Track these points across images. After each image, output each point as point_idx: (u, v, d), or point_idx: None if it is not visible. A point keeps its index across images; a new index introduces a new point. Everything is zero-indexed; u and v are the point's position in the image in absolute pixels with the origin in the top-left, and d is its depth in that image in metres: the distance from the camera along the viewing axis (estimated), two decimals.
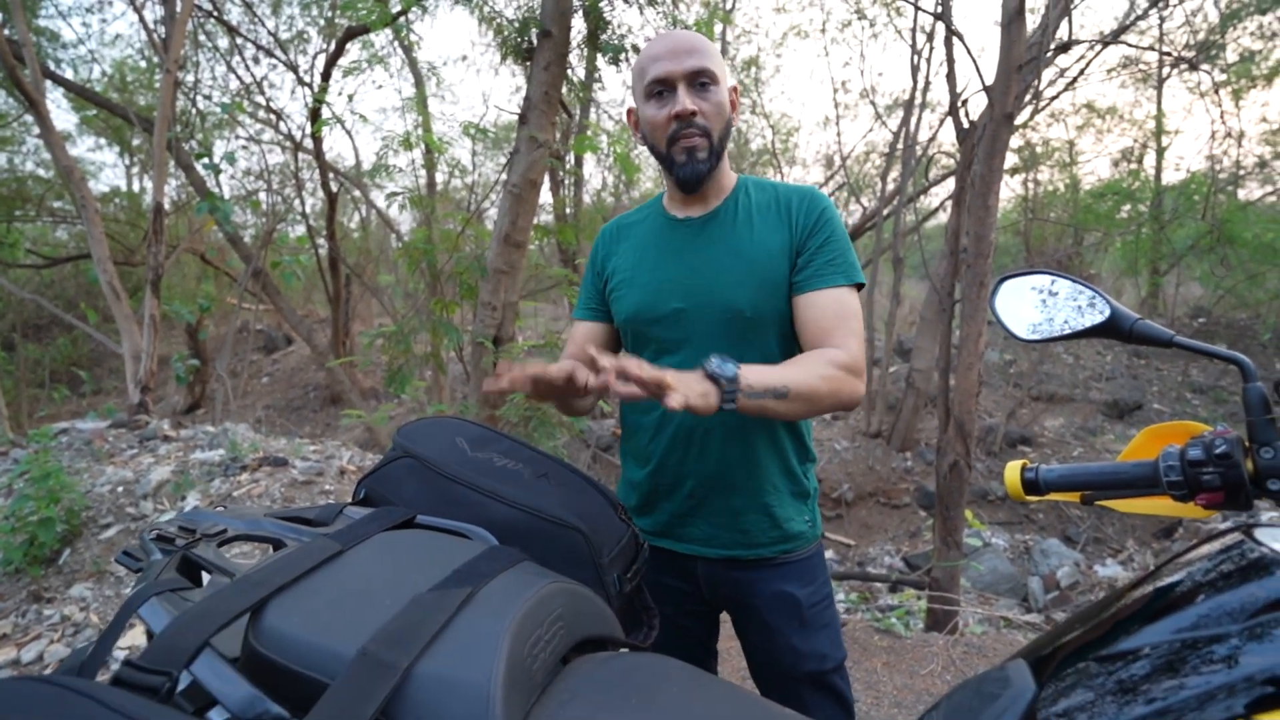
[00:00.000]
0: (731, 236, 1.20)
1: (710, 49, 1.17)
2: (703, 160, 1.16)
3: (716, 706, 0.78)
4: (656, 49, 1.16)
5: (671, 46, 1.15)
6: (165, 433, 4.52)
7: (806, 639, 1.21)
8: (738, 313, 1.16)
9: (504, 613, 0.71)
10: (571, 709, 0.72)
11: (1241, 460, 0.67)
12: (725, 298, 1.17)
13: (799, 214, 1.19)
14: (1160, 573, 0.63)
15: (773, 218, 1.20)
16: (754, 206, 1.22)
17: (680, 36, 1.17)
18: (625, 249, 1.29)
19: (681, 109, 1.12)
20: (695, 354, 1.15)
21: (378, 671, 0.62)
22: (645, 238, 1.27)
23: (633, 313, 1.23)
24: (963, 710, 0.63)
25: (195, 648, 0.63)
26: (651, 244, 1.25)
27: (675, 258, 1.21)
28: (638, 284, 1.23)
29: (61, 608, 2.97)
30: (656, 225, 1.27)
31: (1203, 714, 0.50)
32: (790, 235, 1.18)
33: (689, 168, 1.16)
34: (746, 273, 1.17)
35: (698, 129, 1.14)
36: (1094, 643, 0.60)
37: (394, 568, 0.80)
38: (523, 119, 2.74)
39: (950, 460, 3.33)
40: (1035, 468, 0.80)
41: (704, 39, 1.18)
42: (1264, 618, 0.51)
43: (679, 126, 1.14)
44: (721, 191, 1.23)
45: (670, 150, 1.16)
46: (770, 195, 1.23)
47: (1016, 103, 3.09)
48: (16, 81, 4.38)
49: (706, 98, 1.14)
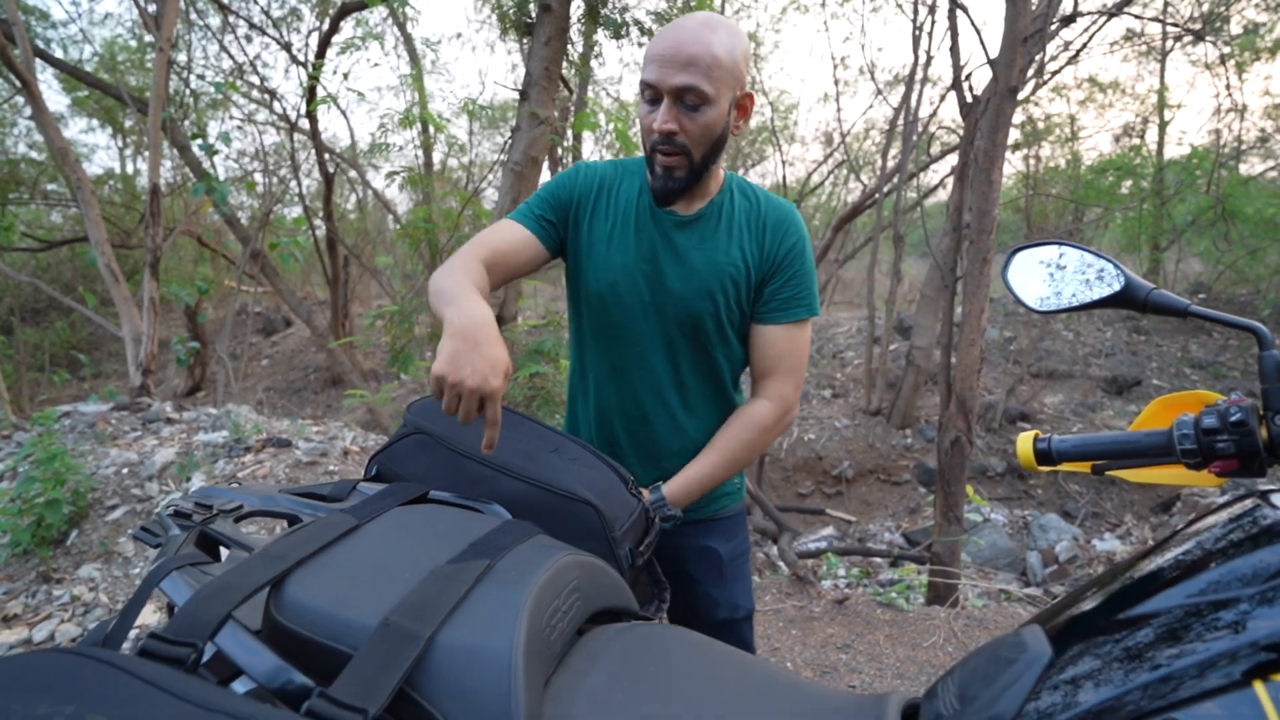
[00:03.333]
0: (710, 246, 1.20)
1: (712, 58, 1.06)
2: (678, 179, 1.13)
3: (730, 676, 0.79)
4: (659, 46, 1.08)
5: (671, 51, 1.06)
6: (168, 415, 4.52)
7: (724, 589, 1.30)
8: (698, 323, 1.20)
9: (522, 584, 0.72)
10: (589, 679, 0.73)
11: (1256, 427, 0.67)
12: (692, 308, 1.19)
13: (774, 239, 1.21)
14: (1174, 540, 0.63)
15: (751, 233, 1.21)
16: (736, 214, 1.22)
17: (685, 40, 1.06)
18: (606, 211, 1.25)
19: (661, 127, 1.08)
20: (646, 347, 1.22)
21: (401, 641, 0.63)
22: (627, 214, 1.23)
23: (602, 291, 1.22)
24: (978, 676, 0.64)
25: (219, 619, 0.63)
26: (633, 226, 1.22)
27: (654, 252, 1.21)
28: (613, 264, 1.21)
29: (71, 588, 2.99)
30: (641, 207, 1.22)
31: (1204, 680, 0.50)
32: (761, 257, 1.20)
33: (661, 183, 1.14)
34: (717, 288, 1.19)
35: (676, 148, 1.10)
36: (1105, 610, 0.61)
37: (410, 542, 0.81)
38: (523, 95, 2.71)
39: (952, 436, 3.35)
40: (1048, 438, 0.81)
41: (713, 43, 1.06)
42: (1276, 582, 0.52)
43: (660, 141, 1.10)
44: (707, 194, 1.22)
45: (649, 157, 1.15)
46: (753, 206, 1.23)
47: (1021, 76, 3.06)
48: (8, 61, 4.32)
49: (693, 118, 1.08)
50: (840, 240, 12.44)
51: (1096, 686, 0.55)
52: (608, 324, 1.24)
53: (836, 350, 8.62)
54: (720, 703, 0.73)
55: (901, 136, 7.23)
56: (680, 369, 1.24)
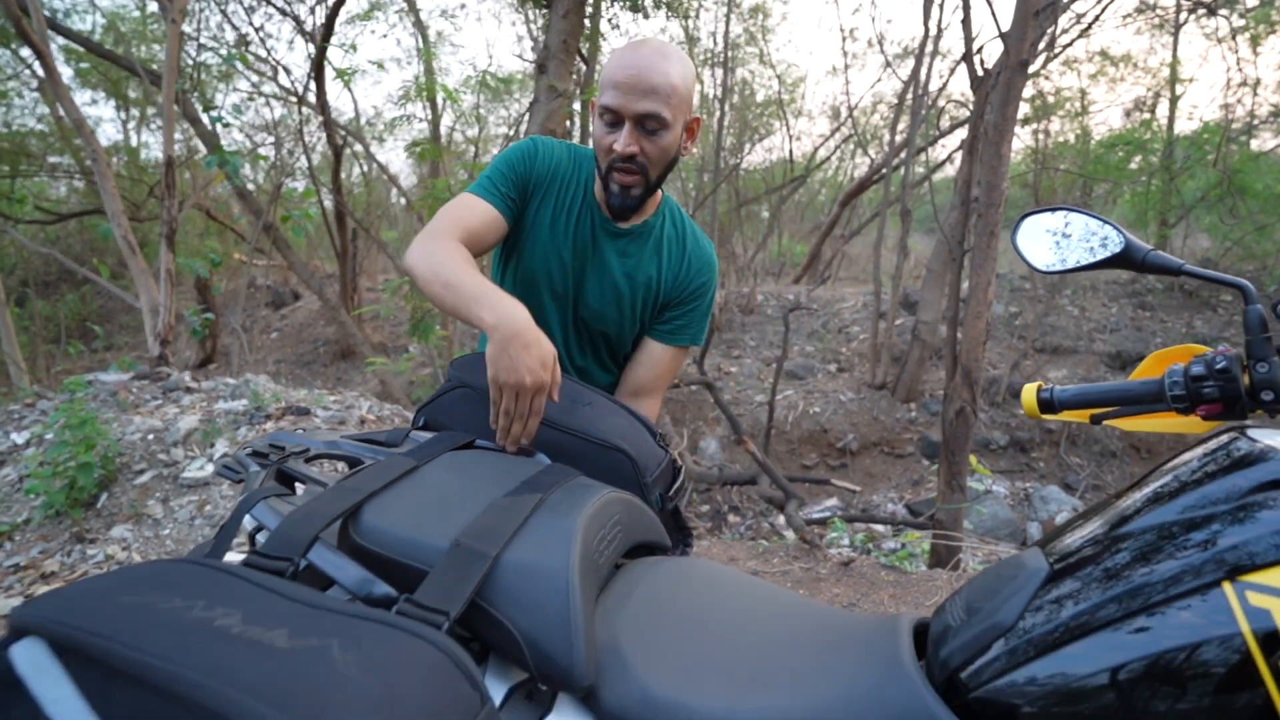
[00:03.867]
0: (634, 264, 1.31)
1: (670, 87, 1.15)
2: (634, 197, 1.23)
3: (758, 603, 0.87)
4: (620, 73, 1.15)
5: (633, 79, 1.13)
6: (187, 384, 4.62)
7: None
8: (605, 333, 1.33)
9: (573, 513, 0.79)
10: (631, 602, 0.81)
11: (1239, 375, 0.74)
12: (601, 315, 1.31)
13: (690, 273, 1.33)
14: (1159, 470, 0.71)
15: (670, 260, 1.33)
16: (664, 239, 1.34)
17: (645, 69, 1.14)
18: (555, 199, 1.31)
19: (624, 149, 1.16)
20: (553, 329, 1.33)
21: (471, 559, 0.71)
22: (572, 209, 1.30)
23: (533, 272, 1.31)
24: (983, 591, 0.72)
25: (311, 538, 0.71)
26: (574, 222, 1.30)
27: (585, 255, 1.30)
28: (549, 253, 1.30)
29: (104, 548, 3.10)
30: (587, 208, 1.30)
31: (1180, 584, 0.58)
32: (674, 284, 1.33)
33: (618, 199, 1.23)
34: (627, 303, 1.31)
35: (636, 167, 1.19)
36: (1096, 532, 0.69)
37: (466, 479, 0.89)
38: (541, 68, 2.75)
39: (956, 406, 3.42)
40: (1050, 388, 0.88)
41: (670, 73, 1.15)
42: (1247, 499, 0.59)
43: (618, 160, 1.18)
44: (646, 211, 1.32)
45: (607, 174, 1.22)
46: (679, 235, 1.36)
47: (1032, 50, 3.08)
48: (22, 31, 4.34)
49: (653, 141, 1.17)
50: (846, 215, 12.43)
51: (1086, 595, 0.63)
52: (525, 298, 1.23)
53: (842, 325, 8.67)
54: (752, 625, 0.82)
55: (910, 111, 7.20)
56: (576, 357, 1.36)
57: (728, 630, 0.80)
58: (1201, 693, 0.55)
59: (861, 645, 0.75)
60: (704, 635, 0.79)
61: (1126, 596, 0.60)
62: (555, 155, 1.32)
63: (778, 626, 0.82)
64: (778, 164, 14.48)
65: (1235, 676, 0.54)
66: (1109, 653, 0.59)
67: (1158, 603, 0.58)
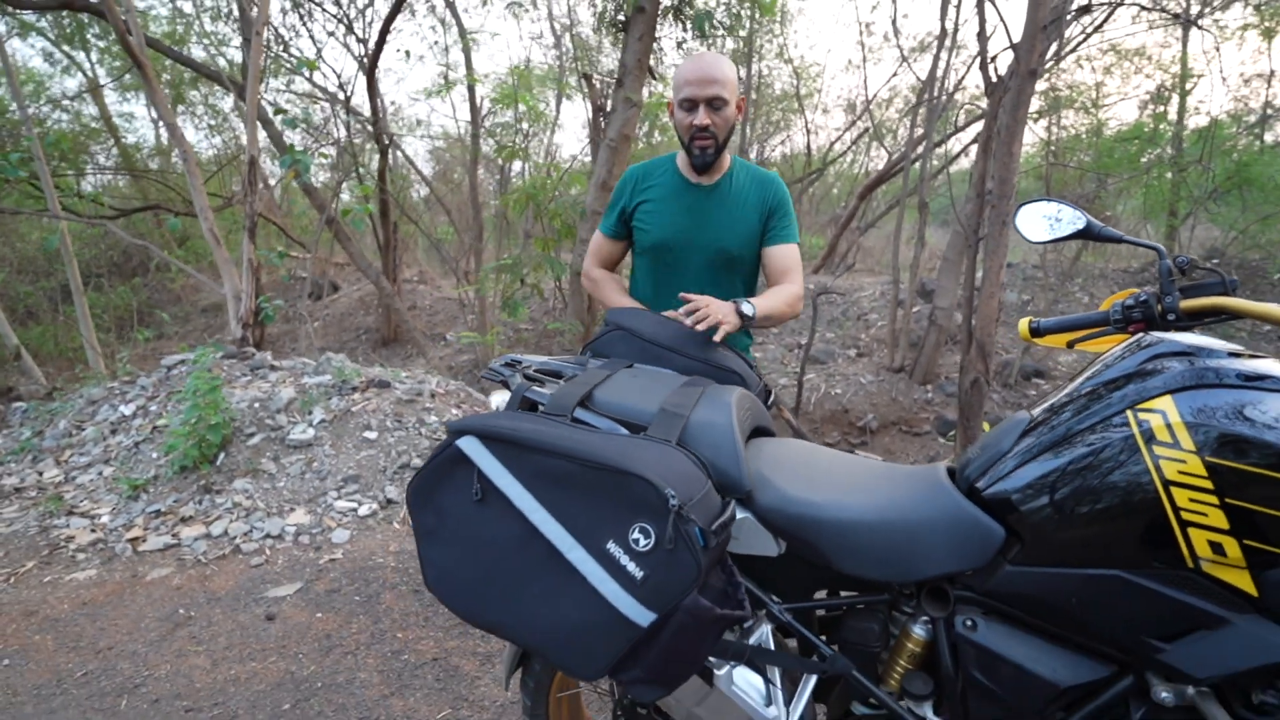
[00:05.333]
0: (728, 203, 1.93)
1: (725, 77, 1.77)
2: (710, 155, 1.84)
3: (844, 458, 1.32)
4: (689, 74, 1.76)
5: (700, 75, 1.76)
6: (270, 363, 5.11)
7: None
8: (725, 252, 1.92)
9: (725, 396, 1.25)
10: (764, 453, 1.26)
11: (1155, 304, 1.18)
12: (720, 242, 1.92)
13: (768, 195, 1.93)
14: (1102, 356, 1.14)
15: (753, 194, 1.94)
16: (742, 183, 1.95)
17: (707, 67, 1.77)
18: (652, 193, 1.95)
19: (701, 122, 1.78)
20: (695, 275, 1.94)
21: (674, 417, 1.16)
22: (668, 190, 1.94)
23: (657, 242, 1.95)
24: (991, 437, 1.16)
25: (576, 402, 1.17)
26: (673, 197, 1.94)
27: (689, 212, 1.93)
28: (664, 224, 1.94)
29: (231, 497, 3.59)
30: (677, 184, 1.93)
31: (1098, 414, 1.01)
32: (762, 207, 1.93)
33: (700, 158, 1.85)
34: (733, 229, 1.92)
35: (710, 135, 1.81)
36: (1059, 397, 1.12)
37: (646, 380, 1.34)
38: (619, 82, 3.19)
39: (971, 377, 3.84)
40: (1038, 321, 1.32)
41: (723, 68, 1.78)
42: (1143, 366, 1.03)
43: (698, 132, 1.80)
44: (721, 169, 1.95)
45: (690, 144, 1.83)
46: (752, 176, 1.96)
47: (1040, 60, 3.48)
48: (126, 46, 4.83)
49: (718, 115, 1.80)
50: (863, 208, 12.79)
51: (1049, 429, 1.07)
52: (662, 261, 1.96)
53: (861, 313, 9.07)
54: (842, 465, 1.27)
55: (927, 107, 7.58)
56: (711, 289, 1.89)
57: (828, 466, 1.25)
58: (1112, 468, 0.99)
59: (915, 475, 1.20)
60: (813, 468, 1.24)
61: (1072, 426, 1.04)
62: (638, 169, 2.02)
63: (858, 467, 1.27)
64: (795, 157, 14.83)
65: (1130, 457, 0.97)
66: (1059, 458, 1.03)
67: (1093, 425, 1.02)
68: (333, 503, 3.56)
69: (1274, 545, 0.88)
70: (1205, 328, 1.19)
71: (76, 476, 4.05)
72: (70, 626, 2.64)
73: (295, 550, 3.21)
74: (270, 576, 2.99)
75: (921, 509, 1.12)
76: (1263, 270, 8.10)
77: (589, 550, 0.94)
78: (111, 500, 3.71)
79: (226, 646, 2.48)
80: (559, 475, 0.97)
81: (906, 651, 1.16)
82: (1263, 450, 0.87)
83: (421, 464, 1.10)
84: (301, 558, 3.14)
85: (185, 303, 12.79)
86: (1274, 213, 7.81)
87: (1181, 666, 0.95)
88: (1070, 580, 1.01)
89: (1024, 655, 1.06)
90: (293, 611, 2.70)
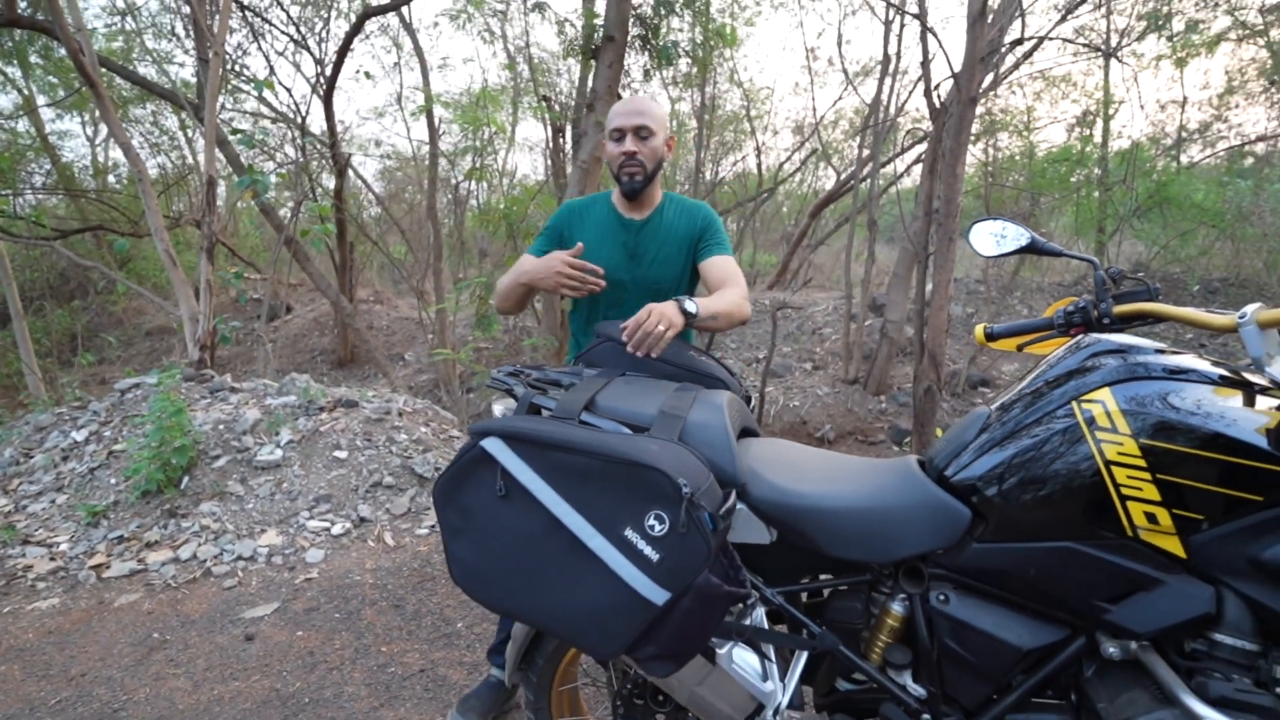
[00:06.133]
0: (659, 237, 2.00)
1: (652, 112, 1.89)
2: (638, 182, 1.91)
3: (824, 455, 1.44)
4: (619, 109, 1.88)
5: (629, 108, 1.88)
6: (230, 385, 5.03)
7: None
8: (659, 286, 1.97)
9: (717, 399, 1.36)
10: (753, 451, 1.37)
11: (1092, 310, 1.34)
12: (654, 278, 1.99)
13: (696, 220, 2.00)
14: (1048, 357, 1.29)
15: (683, 224, 2.02)
16: (672, 218, 2.03)
17: (636, 102, 1.91)
18: (587, 227, 1.99)
19: (628, 149, 1.87)
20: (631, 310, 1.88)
21: (672, 419, 1.27)
22: (604, 227, 1.98)
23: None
24: (955, 429, 1.30)
25: (582, 406, 1.26)
26: (608, 235, 2.01)
27: (624, 249, 2.00)
28: (600, 261, 1.94)
29: (197, 520, 3.54)
30: (612, 221, 1.99)
31: (1046, 408, 1.15)
32: (691, 234, 1.99)
33: (629, 185, 1.92)
34: (666, 264, 2.00)
35: (638, 163, 1.89)
36: (1013, 393, 1.27)
37: (641, 387, 1.44)
38: (589, 107, 3.31)
39: (925, 385, 4.05)
40: (992, 327, 1.47)
41: (651, 105, 1.91)
42: (1085, 363, 1.18)
43: (625, 160, 1.88)
44: (653, 203, 2.04)
45: (619, 172, 1.91)
46: (681, 209, 2.05)
47: (979, 88, 3.74)
48: (79, 66, 4.75)
49: (645, 144, 1.88)
50: (813, 226, 13.20)
51: (1004, 422, 1.21)
52: (600, 300, 2.00)
53: (815, 327, 9.35)
54: (824, 460, 1.39)
55: (873, 131, 7.93)
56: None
57: (811, 461, 1.37)
58: (1061, 452, 1.13)
59: (890, 466, 1.33)
60: (799, 463, 1.36)
61: (1025, 418, 1.18)
62: (574, 204, 2.06)
63: (838, 461, 1.39)
64: (748, 176, 15.23)
65: (1076, 442, 1.11)
66: (1016, 445, 1.17)
67: (1043, 415, 1.16)
68: (305, 523, 3.53)
69: (1198, 513, 1.03)
70: (1135, 330, 1.36)
71: (27, 505, 3.92)
72: (38, 655, 2.58)
73: (269, 571, 3.18)
74: (245, 598, 2.96)
75: (898, 496, 1.25)
76: (1183, 282, 8.66)
77: (608, 537, 1.03)
78: (69, 528, 3.61)
79: (206, 668, 2.46)
80: (578, 470, 1.06)
81: (887, 627, 1.28)
82: (1187, 433, 1.02)
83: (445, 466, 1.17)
84: (276, 578, 3.12)
85: (128, 326, 12.37)
86: (1191, 229, 8.38)
87: (1126, 624, 1.09)
88: (1029, 553, 1.15)
89: (991, 624, 1.19)
90: (272, 631, 2.69)
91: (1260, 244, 8.13)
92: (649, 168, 1.91)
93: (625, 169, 1.89)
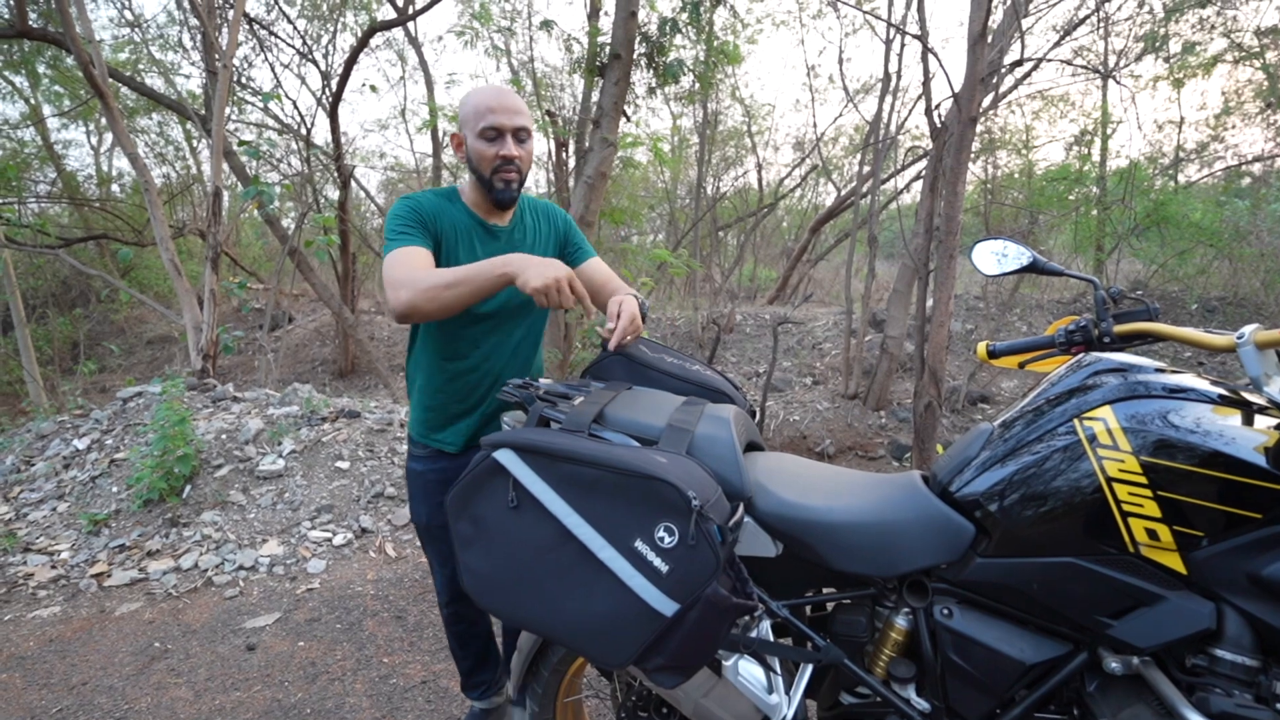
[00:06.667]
0: (525, 244, 1.83)
1: (527, 112, 1.67)
2: (514, 190, 1.70)
3: (829, 469, 1.46)
4: (491, 102, 1.61)
5: (504, 104, 1.61)
6: (233, 394, 5.05)
7: None
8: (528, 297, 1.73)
9: (725, 413, 1.37)
10: (760, 464, 1.39)
11: (1093, 329, 1.36)
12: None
13: (556, 223, 1.88)
14: (1050, 375, 1.32)
15: (545, 227, 1.88)
16: (531, 222, 1.84)
17: (509, 97, 1.64)
18: (449, 229, 1.68)
19: (509, 153, 1.63)
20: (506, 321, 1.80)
21: (681, 432, 1.28)
22: (465, 237, 1.70)
23: None
24: (959, 444, 1.32)
25: (591, 419, 1.28)
26: (476, 241, 1.72)
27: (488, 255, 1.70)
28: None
29: (199, 529, 3.55)
30: (472, 228, 1.72)
31: (1049, 426, 1.18)
32: (556, 238, 1.86)
33: (505, 193, 1.68)
34: None
35: (515, 168, 1.66)
36: (1017, 410, 1.29)
37: (650, 399, 1.46)
38: (596, 123, 3.35)
39: (925, 401, 4.07)
40: (994, 344, 1.49)
41: (523, 103, 1.66)
42: (1086, 381, 1.20)
43: (503, 164, 1.64)
44: (513, 208, 1.84)
45: (493, 177, 1.66)
46: (537, 210, 1.87)
47: (979, 108, 3.79)
48: (89, 77, 4.80)
49: (524, 148, 1.67)
50: (813, 241, 13.28)
51: (1007, 438, 1.23)
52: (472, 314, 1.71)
53: (815, 342, 9.38)
54: (829, 474, 1.41)
55: (874, 148, 8.00)
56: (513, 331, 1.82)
57: (817, 475, 1.39)
58: (1063, 468, 1.14)
59: (895, 481, 1.35)
60: (805, 478, 1.37)
61: (1028, 434, 1.20)
62: (429, 200, 1.71)
63: (843, 476, 1.41)
64: (747, 192, 15.32)
65: (1078, 459, 1.13)
66: (1019, 461, 1.19)
67: (1045, 432, 1.18)
68: (306, 533, 3.54)
69: (1198, 530, 1.05)
70: (1135, 349, 1.38)
71: (28, 513, 3.92)
72: (39, 664, 2.58)
73: (270, 581, 3.19)
74: (246, 608, 2.96)
75: (902, 510, 1.27)
76: (1181, 301, 8.71)
77: (618, 549, 1.05)
78: (70, 536, 3.61)
79: (208, 678, 2.46)
80: (589, 482, 1.08)
81: (891, 641, 1.29)
82: (1187, 451, 1.04)
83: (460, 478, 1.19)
84: (277, 588, 3.12)
85: (130, 335, 12.39)
86: (1189, 248, 8.44)
87: (1127, 639, 1.10)
88: (1032, 568, 1.16)
89: (994, 638, 1.20)
90: (273, 641, 2.69)
91: (1258, 263, 8.18)
92: (524, 174, 1.71)
93: (501, 174, 1.65)
